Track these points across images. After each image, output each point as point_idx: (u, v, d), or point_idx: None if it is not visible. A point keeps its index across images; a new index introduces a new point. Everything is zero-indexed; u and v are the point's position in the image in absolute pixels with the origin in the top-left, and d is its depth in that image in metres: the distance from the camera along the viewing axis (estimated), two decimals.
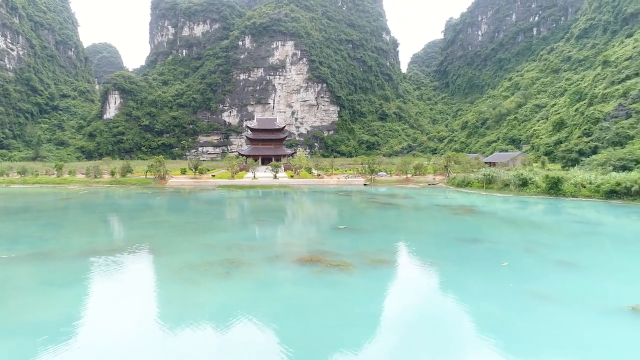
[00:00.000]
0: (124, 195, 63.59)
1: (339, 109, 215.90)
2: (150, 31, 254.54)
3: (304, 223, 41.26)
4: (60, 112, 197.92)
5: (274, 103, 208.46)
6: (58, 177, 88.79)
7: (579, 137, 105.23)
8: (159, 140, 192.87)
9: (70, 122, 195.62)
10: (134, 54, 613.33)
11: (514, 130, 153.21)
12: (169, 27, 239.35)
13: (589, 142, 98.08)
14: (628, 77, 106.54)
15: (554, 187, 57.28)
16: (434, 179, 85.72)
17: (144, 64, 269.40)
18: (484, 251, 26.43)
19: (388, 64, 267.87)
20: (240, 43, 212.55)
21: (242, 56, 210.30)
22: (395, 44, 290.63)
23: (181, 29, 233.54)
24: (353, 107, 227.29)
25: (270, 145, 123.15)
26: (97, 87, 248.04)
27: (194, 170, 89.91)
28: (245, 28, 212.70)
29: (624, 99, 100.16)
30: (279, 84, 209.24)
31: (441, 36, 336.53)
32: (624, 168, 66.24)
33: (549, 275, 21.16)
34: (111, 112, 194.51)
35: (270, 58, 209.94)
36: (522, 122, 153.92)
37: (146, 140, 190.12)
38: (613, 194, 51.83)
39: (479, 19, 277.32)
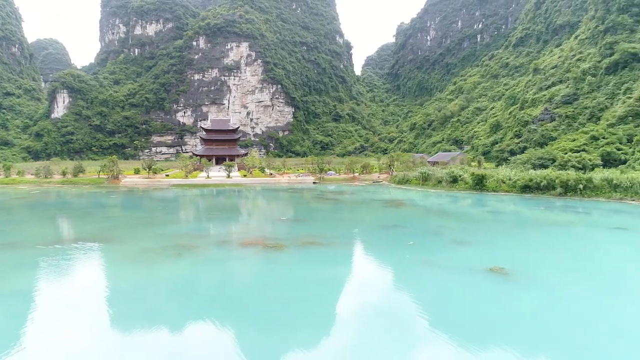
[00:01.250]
0: (77, 195, 65.04)
1: (293, 110, 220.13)
2: (100, 29, 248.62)
3: (251, 216, 45.44)
4: (4, 110, 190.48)
5: (229, 104, 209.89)
6: (6, 177, 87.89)
7: (511, 138, 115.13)
8: (110, 141, 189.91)
9: (15, 121, 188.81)
10: (82, 51, 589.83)
11: (457, 131, 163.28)
12: (120, 25, 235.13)
13: (518, 143, 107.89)
14: (553, 84, 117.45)
15: (479, 183, 64.23)
16: (378, 177, 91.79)
17: (93, 61, 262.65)
18: (399, 234, 31.68)
19: (342, 66, 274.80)
20: (195, 43, 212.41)
21: (196, 56, 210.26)
22: (348, 47, 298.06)
23: (133, 28, 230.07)
24: (307, 108, 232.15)
25: (224, 146, 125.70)
26: (43, 85, 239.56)
27: (147, 170, 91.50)
28: (199, 28, 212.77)
29: (549, 103, 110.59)
30: (234, 84, 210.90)
31: (393, 40, 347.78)
32: (542, 166, 74.66)
33: (441, 250, 26.58)
34: (59, 111, 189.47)
35: (224, 59, 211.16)
36: (465, 124, 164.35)
37: (97, 140, 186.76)
38: (526, 188, 59.11)
39: (428, 24, 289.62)
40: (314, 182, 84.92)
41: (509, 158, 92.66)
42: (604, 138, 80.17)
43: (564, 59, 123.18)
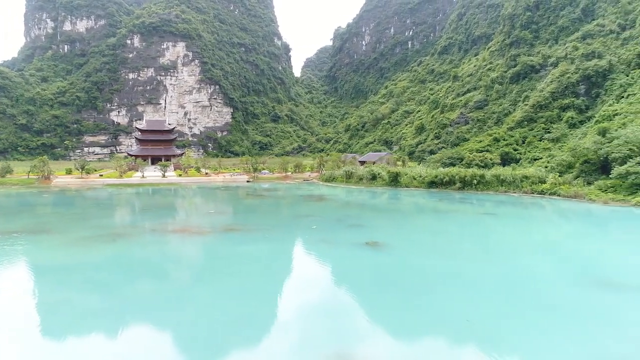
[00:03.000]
0: (6, 195, 65.31)
1: (232, 111, 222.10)
2: (25, 23, 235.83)
3: (183, 211, 49.66)
4: None
5: (165, 103, 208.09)
6: None
7: (431, 139, 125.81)
8: (38, 140, 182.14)
9: None
10: (2, 45, 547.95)
11: (387, 133, 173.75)
12: (48, 20, 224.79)
13: (437, 144, 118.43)
14: (469, 91, 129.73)
15: (394, 180, 72.09)
16: (309, 175, 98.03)
17: (16, 56, 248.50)
18: (307, 221, 37.61)
19: (280, 68, 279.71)
20: (129, 42, 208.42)
21: (130, 55, 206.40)
22: (287, 49, 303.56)
23: (62, 23, 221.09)
24: (246, 109, 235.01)
25: (160, 146, 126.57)
26: None
27: (80, 170, 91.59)
28: (133, 27, 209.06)
29: (464, 108, 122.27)
30: (171, 84, 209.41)
31: (331, 43, 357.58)
32: (452, 164, 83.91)
33: (336, 231, 32.74)
34: None
35: (160, 58, 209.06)
36: (394, 126, 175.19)
37: (23, 140, 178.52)
38: (433, 184, 67.56)
39: (363, 30, 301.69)
40: (247, 181, 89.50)
41: (425, 157, 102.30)
42: (504, 140, 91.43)
43: (478, 68, 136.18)
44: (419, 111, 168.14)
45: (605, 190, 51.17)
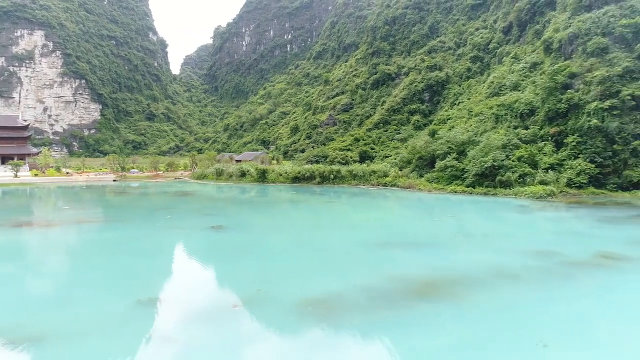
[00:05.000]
0: None
1: (101, 107, 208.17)
2: None
3: (34, 208, 48.07)
4: None
5: (20, 97, 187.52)
6: None
7: (304, 139, 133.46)
8: None
9: None
10: None
11: (264, 132, 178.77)
12: None
13: (309, 143, 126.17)
14: (337, 95, 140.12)
15: (262, 176, 76.55)
16: (182, 174, 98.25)
17: None
18: (165, 213, 39.92)
19: (156, 64, 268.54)
20: None
21: None
22: (163, 44, 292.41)
23: None
24: (118, 106, 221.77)
25: (11, 144, 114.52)
26: None
27: None
28: None
29: (333, 111, 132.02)
30: (27, 76, 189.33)
31: (211, 41, 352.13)
32: (317, 162, 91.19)
33: (188, 219, 35.85)
34: None
35: (13, 47, 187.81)
36: (271, 127, 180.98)
37: None
38: (296, 179, 73.46)
39: (243, 30, 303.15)
40: (114, 180, 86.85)
41: (294, 156, 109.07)
42: (363, 140, 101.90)
43: (346, 74, 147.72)
44: (294, 112, 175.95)
45: (432, 181, 61.46)
